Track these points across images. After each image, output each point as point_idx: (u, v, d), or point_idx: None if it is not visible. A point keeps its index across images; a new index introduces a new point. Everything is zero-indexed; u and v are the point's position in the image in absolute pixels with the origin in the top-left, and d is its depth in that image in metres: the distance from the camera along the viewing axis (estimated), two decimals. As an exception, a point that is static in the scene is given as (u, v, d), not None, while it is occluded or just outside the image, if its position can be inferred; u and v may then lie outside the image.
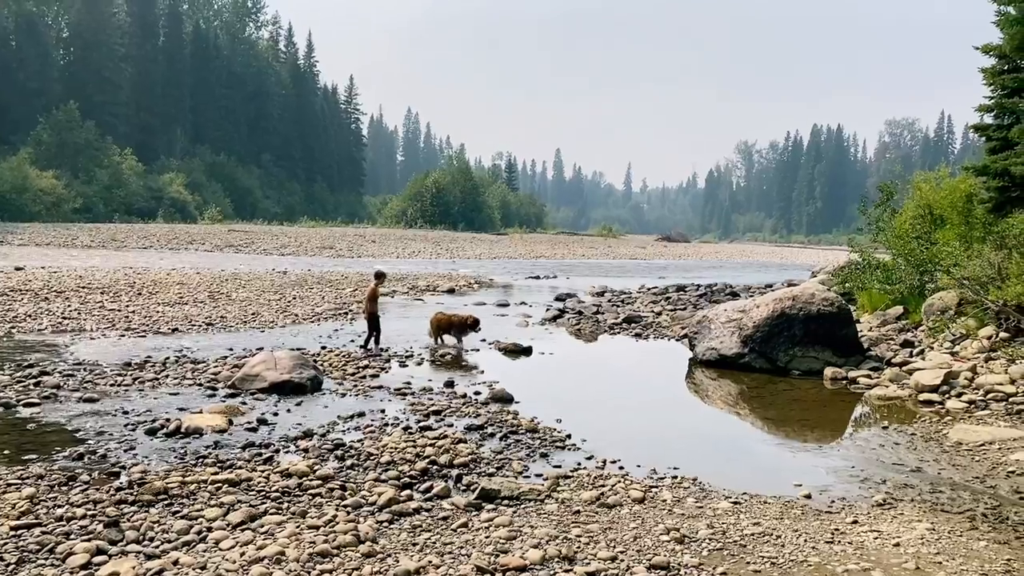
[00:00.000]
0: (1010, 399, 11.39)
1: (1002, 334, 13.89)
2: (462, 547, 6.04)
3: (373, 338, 15.10)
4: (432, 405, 10.69)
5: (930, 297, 16.82)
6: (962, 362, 13.27)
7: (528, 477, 7.92)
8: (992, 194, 17.28)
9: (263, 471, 7.56)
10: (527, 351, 15.92)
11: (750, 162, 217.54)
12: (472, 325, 15.94)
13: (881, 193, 22.27)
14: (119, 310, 18.76)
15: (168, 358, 13.22)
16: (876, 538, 6.49)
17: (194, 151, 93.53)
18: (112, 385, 11.11)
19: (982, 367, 12.87)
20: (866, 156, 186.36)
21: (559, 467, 8.28)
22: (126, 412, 9.71)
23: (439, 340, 16.13)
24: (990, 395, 11.66)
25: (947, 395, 11.96)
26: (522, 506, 7.01)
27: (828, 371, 13.90)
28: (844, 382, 13.49)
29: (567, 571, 5.67)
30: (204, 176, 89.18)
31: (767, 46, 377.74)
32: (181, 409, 9.97)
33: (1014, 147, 16.68)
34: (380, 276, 16.15)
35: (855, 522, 6.87)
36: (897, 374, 13.29)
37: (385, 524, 6.45)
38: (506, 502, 7.08)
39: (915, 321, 16.92)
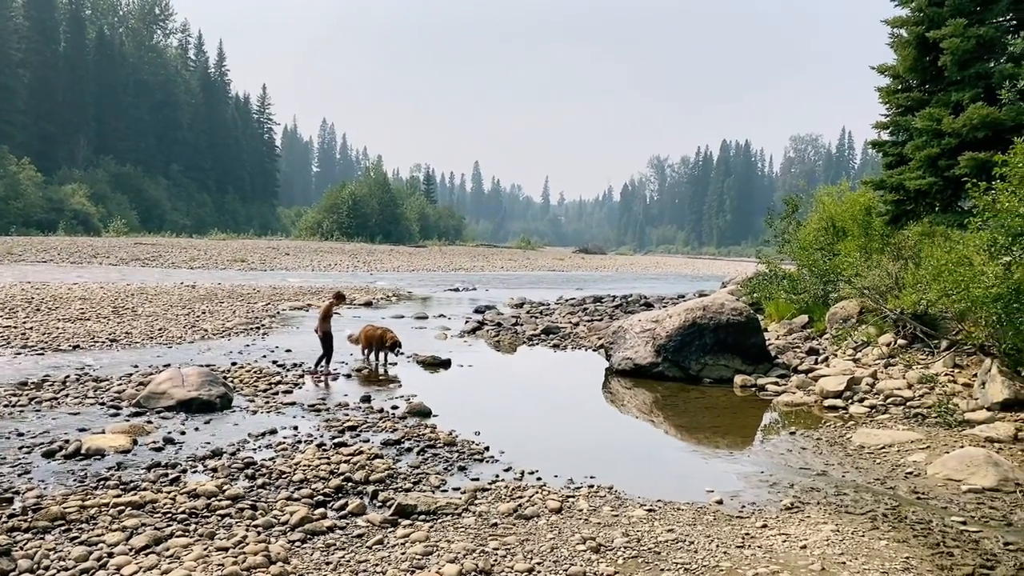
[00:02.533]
0: (908, 403, 11.94)
1: (900, 341, 14.54)
2: (377, 564, 5.94)
3: (325, 358, 14.26)
4: (347, 421, 10.52)
5: (833, 306, 17.50)
6: (864, 368, 13.83)
7: (446, 491, 7.87)
8: (889, 207, 18.11)
9: (169, 492, 7.29)
10: (446, 363, 15.84)
11: (663, 176, 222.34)
12: (391, 344, 15.26)
13: (786, 206, 23.09)
14: (15, 327, 17.83)
15: (68, 376, 12.63)
16: (784, 541, 6.68)
17: (98, 161, 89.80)
18: (6, 406, 10.54)
19: (882, 373, 13.44)
20: (772, 171, 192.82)
21: (477, 480, 8.26)
22: (21, 434, 9.22)
23: (377, 356, 15.47)
24: (890, 400, 12.20)
25: (850, 400, 12.45)
26: (439, 520, 6.95)
27: (738, 379, 14.30)
28: (753, 389, 13.89)
29: (484, 585, 5.63)
30: (109, 187, 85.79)
31: (680, 63, 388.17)
32: (82, 430, 9.54)
33: (908, 162, 17.53)
34: (339, 297, 15.38)
35: (765, 526, 7.06)
36: (803, 381, 13.76)
37: (297, 543, 6.30)
38: (423, 517, 7.00)
39: (819, 329, 17.56)
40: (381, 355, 15.48)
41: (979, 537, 6.89)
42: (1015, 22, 16.38)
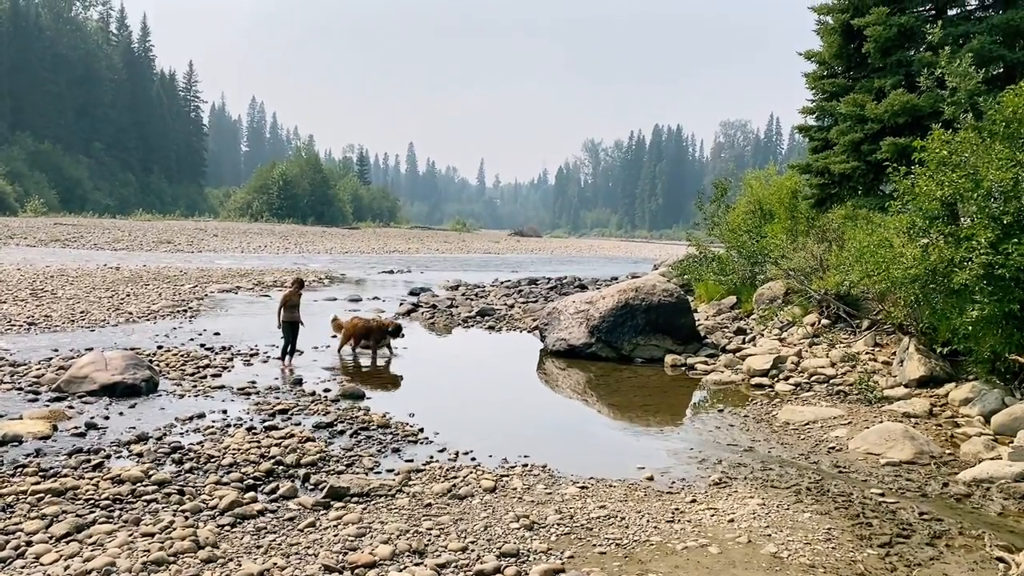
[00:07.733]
0: (830, 381, 12.33)
1: (824, 321, 14.99)
2: (309, 547, 5.87)
3: (289, 349, 13.57)
4: (278, 404, 10.35)
5: (760, 287, 17.92)
6: (789, 347, 14.23)
7: (379, 473, 7.82)
8: (814, 190, 18.61)
9: (92, 478, 7.07)
10: (379, 346, 15.66)
11: (597, 160, 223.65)
12: (394, 331, 14.68)
13: (716, 190, 23.50)
14: (-76, 310, 17.01)
15: (-18, 361, 12.11)
16: (713, 515, 6.84)
17: (13, 138, 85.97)
18: (-86, 392, 10.06)
19: (806, 352, 13.85)
20: (703, 155, 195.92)
21: (411, 461, 8.23)
22: (-69, 421, 8.80)
23: (354, 349, 14.70)
24: (813, 377, 12.58)
25: (776, 379, 12.80)
26: (372, 502, 6.91)
27: (668, 358, 14.56)
28: (683, 368, 14.17)
29: (417, 564, 5.63)
30: (26, 165, 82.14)
31: (615, 48, 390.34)
32: (-3, 416, 9.17)
33: (833, 147, 18.01)
34: (299, 284, 14.18)
35: (694, 501, 7.21)
36: (731, 360, 14.08)
37: (227, 528, 6.18)
38: (356, 499, 6.95)
39: (747, 310, 17.98)
40: (383, 348, 14.69)
41: (896, 508, 7.17)
42: (934, 12, 16.94)
